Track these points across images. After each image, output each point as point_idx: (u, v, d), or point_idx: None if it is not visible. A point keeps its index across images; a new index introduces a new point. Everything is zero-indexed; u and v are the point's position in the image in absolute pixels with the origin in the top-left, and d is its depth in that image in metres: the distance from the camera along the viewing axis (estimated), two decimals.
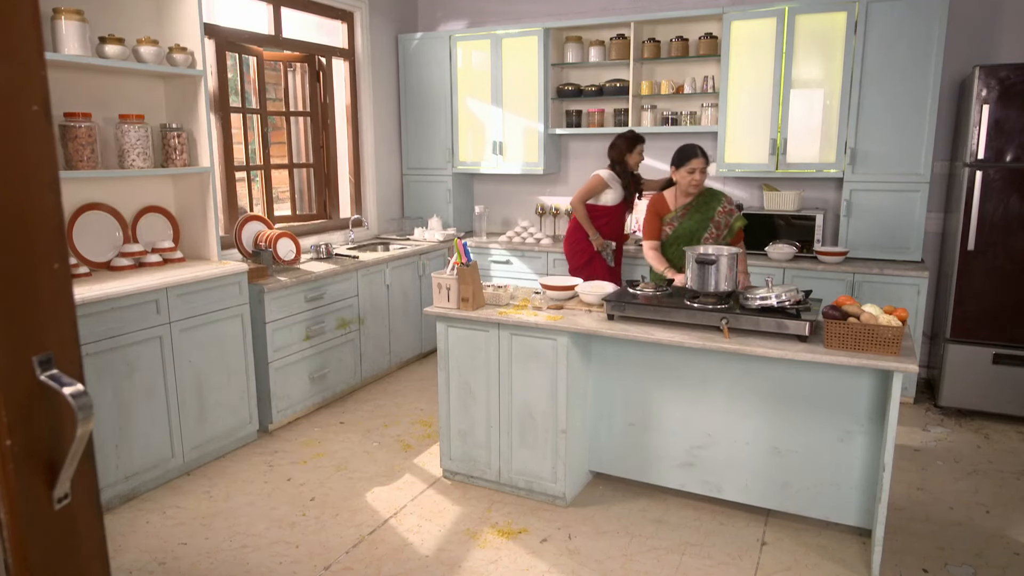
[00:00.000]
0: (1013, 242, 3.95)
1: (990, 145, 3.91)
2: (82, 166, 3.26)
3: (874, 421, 2.77)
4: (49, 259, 1.01)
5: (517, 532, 2.98)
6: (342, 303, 4.42)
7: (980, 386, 4.11)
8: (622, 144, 4.32)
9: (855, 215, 4.44)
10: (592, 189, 4.32)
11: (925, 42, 4.10)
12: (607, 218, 4.39)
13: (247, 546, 2.89)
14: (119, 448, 3.16)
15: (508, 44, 5.26)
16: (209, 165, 3.73)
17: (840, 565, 2.73)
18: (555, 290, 3.33)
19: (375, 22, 5.47)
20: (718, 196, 3.52)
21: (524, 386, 3.14)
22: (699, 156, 3.41)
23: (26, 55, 0.96)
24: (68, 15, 3.12)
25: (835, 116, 4.39)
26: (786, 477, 2.96)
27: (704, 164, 3.42)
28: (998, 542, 2.90)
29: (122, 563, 2.77)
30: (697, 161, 3.40)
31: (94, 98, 3.48)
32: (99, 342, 3.04)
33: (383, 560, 2.79)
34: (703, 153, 3.42)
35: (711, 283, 2.93)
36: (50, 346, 1.00)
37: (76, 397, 0.98)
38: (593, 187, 4.32)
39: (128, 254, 3.60)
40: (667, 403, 3.13)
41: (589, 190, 4.33)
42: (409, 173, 5.89)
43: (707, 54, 4.79)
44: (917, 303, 4.16)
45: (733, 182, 5.05)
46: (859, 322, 2.57)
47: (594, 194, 4.33)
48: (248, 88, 4.70)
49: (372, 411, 4.36)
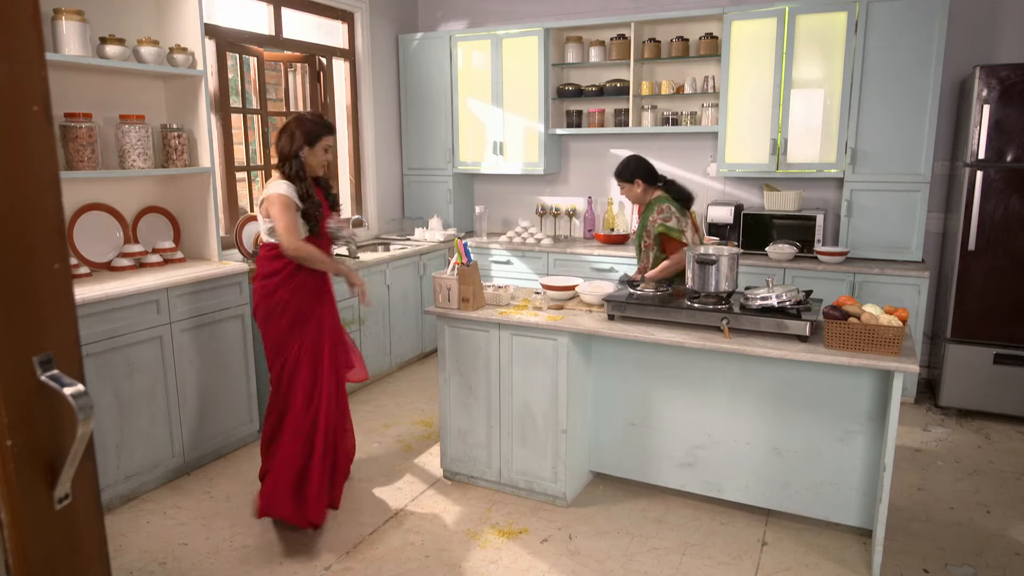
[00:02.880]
0: (1013, 242, 3.94)
1: (990, 145, 3.91)
2: (82, 166, 3.26)
3: (875, 421, 2.77)
4: (49, 259, 1.01)
5: (517, 532, 2.98)
6: (343, 303, 4.41)
7: (981, 386, 4.11)
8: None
9: (856, 215, 4.44)
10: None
11: (925, 42, 4.10)
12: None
13: (247, 546, 2.89)
14: (119, 448, 3.16)
15: (508, 44, 5.26)
16: (210, 165, 3.73)
17: (840, 565, 2.73)
18: (555, 290, 3.33)
19: (375, 22, 5.48)
20: (654, 206, 3.55)
21: (524, 386, 3.14)
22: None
23: (26, 55, 0.96)
24: (68, 15, 3.12)
25: (835, 116, 4.39)
26: (786, 477, 2.96)
27: (619, 184, 3.59)
28: (998, 542, 2.90)
29: (123, 563, 2.77)
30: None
31: (94, 98, 3.48)
32: (99, 342, 3.04)
33: (383, 560, 2.79)
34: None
35: (711, 283, 2.93)
36: (50, 346, 1.00)
37: (76, 397, 0.98)
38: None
39: (128, 254, 3.60)
40: (667, 403, 3.13)
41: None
42: (409, 173, 5.89)
43: (707, 54, 4.79)
44: (917, 303, 4.16)
45: (733, 182, 5.05)
46: (859, 322, 2.57)
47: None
48: (248, 88, 4.70)
49: (373, 411, 4.36)
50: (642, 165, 3.55)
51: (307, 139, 2.99)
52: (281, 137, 3.01)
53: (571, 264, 5.02)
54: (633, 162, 3.56)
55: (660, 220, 3.45)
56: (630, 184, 3.56)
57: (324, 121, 3.06)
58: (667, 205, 3.48)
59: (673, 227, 3.41)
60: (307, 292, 3.03)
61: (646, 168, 3.55)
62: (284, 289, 2.98)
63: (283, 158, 3.00)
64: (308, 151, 3.00)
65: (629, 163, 3.56)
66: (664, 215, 3.45)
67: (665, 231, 3.42)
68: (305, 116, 3.04)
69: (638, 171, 3.54)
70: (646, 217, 3.57)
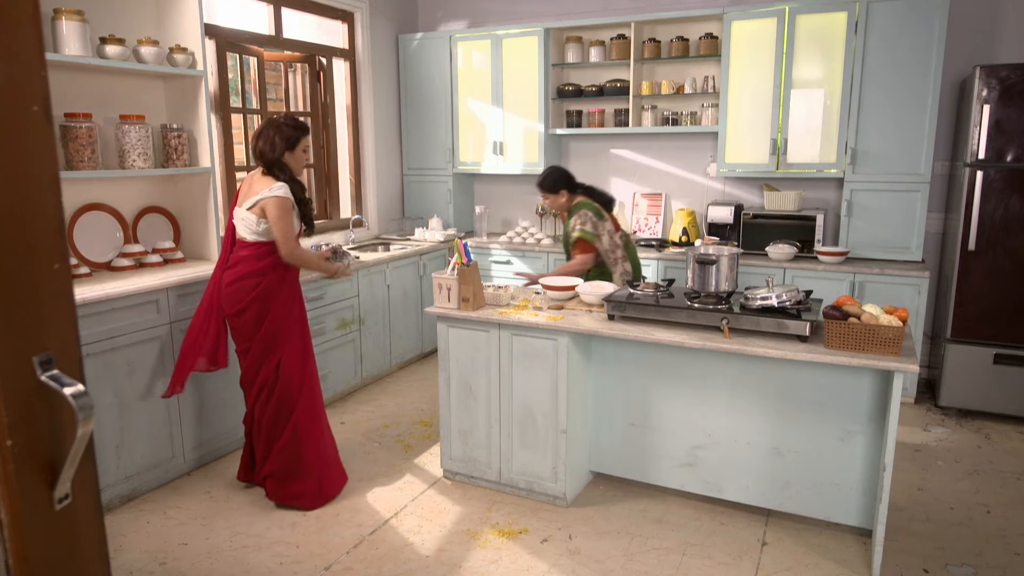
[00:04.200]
0: (1013, 242, 3.94)
1: (990, 145, 3.91)
2: (82, 166, 3.26)
3: (875, 421, 2.77)
4: (49, 259, 1.01)
5: (518, 532, 2.98)
6: (342, 303, 4.42)
7: (981, 386, 4.11)
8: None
9: (856, 215, 4.44)
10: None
11: (925, 42, 4.10)
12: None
13: (248, 546, 2.89)
14: (120, 448, 3.16)
15: (508, 44, 5.26)
16: (210, 165, 3.73)
17: (840, 565, 2.73)
18: (555, 290, 3.33)
19: (375, 22, 5.48)
20: (575, 211, 3.75)
21: (525, 386, 3.14)
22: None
23: (27, 55, 0.96)
24: (69, 15, 3.12)
25: (835, 116, 4.39)
26: (787, 477, 2.96)
27: (543, 195, 3.79)
28: (998, 542, 2.90)
29: (123, 563, 2.77)
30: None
31: (95, 98, 3.48)
32: (100, 342, 3.04)
33: (384, 560, 2.79)
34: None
35: (711, 283, 2.93)
36: (50, 346, 1.00)
37: (77, 397, 0.98)
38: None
39: (128, 254, 3.60)
40: (668, 403, 3.13)
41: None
42: (409, 173, 5.89)
43: (707, 54, 4.79)
44: (917, 303, 4.16)
45: (733, 182, 5.05)
46: (860, 322, 2.57)
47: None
48: (248, 88, 4.70)
49: (373, 411, 4.36)
50: (564, 175, 3.79)
51: (287, 143, 3.07)
52: (259, 141, 3.07)
53: None
54: (556, 174, 3.79)
55: (578, 225, 3.69)
56: (555, 195, 3.79)
57: (299, 123, 3.13)
58: (586, 211, 3.71)
59: (589, 232, 3.65)
60: (294, 286, 3.18)
61: (567, 178, 3.79)
62: (272, 287, 3.07)
63: (269, 163, 3.05)
64: (290, 155, 3.09)
65: (552, 175, 3.79)
66: (582, 220, 3.69)
67: (582, 235, 3.66)
68: (280, 121, 3.10)
69: (560, 182, 3.77)
70: (567, 223, 3.80)
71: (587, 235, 3.64)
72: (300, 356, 3.16)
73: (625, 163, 5.40)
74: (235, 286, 3.05)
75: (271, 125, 3.07)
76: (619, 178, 5.44)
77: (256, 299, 3.04)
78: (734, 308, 2.88)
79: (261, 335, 3.07)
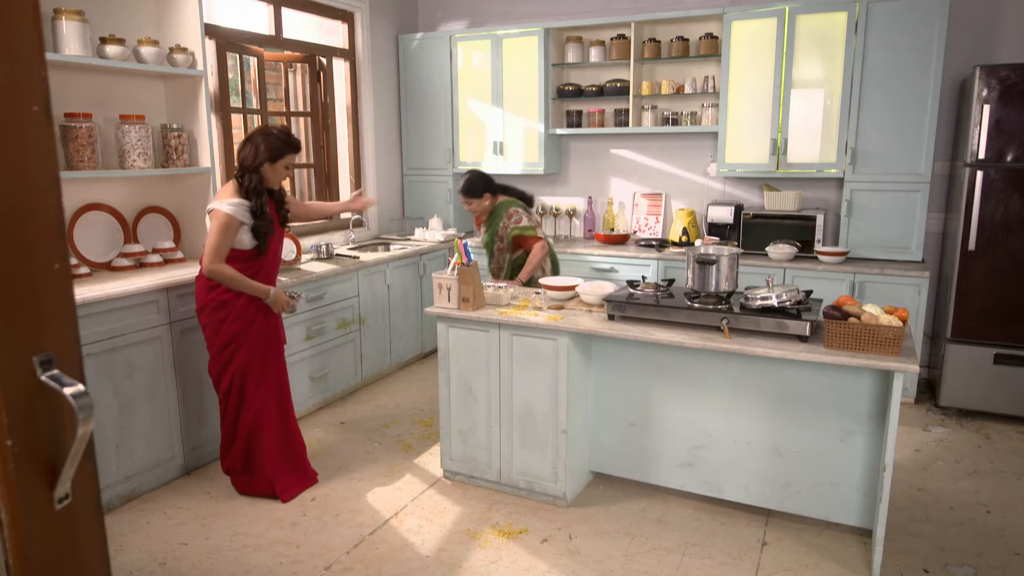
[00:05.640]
0: (1013, 242, 3.94)
1: (991, 145, 3.91)
2: (82, 166, 3.26)
3: (875, 421, 2.77)
4: (50, 259, 1.01)
5: (518, 532, 2.98)
6: (343, 303, 4.42)
7: (981, 386, 4.11)
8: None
9: (856, 215, 4.44)
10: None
11: (926, 42, 4.10)
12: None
13: (248, 546, 2.89)
14: (120, 448, 3.16)
15: (508, 44, 5.26)
16: (210, 165, 3.73)
17: (841, 565, 2.73)
18: (555, 290, 3.33)
19: (375, 22, 5.48)
20: (500, 211, 3.87)
21: (525, 386, 3.14)
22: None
23: (27, 55, 0.96)
24: (69, 15, 3.12)
25: (836, 116, 4.39)
26: (787, 477, 2.96)
27: (465, 200, 3.89)
28: (999, 542, 2.90)
29: (123, 563, 2.77)
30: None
31: (95, 98, 3.48)
32: (100, 342, 3.04)
33: (384, 560, 2.79)
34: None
35: (711, 283, 2.93)
36: (50, 346, 1.00)
37: (77, 397, 0.98)
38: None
39: (129, 254, 3.60)
40: (667, 403, 3.13)
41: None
42: (409, 173, 5.89)
43: (707, 54, 4.79)
44: (918, 303, 4.16)
45: (733, 182, 5.05)
46: (860, 322, 2.57)
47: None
48: (249, 88, 4.70)
49: (373, 411, 4.36)
50: (487, 180, 3.91)
51: (271, 155, 3.04)
52: (245, 147, 3.05)
53: (571, 264, 5.02)
54: (478, 178, 3.90)
55: (512, 224, 3.81)
56: (479, 199, 3.88)
57: (290, 138, 3.10)
58: (514, 208, 3.84)
59: (527, 226, 3.82)
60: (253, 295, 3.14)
61: (489, 181, 3.92)
62: (227, 292, 3.07)
63: (243, 169, 3.03)
64: (269, 166, 3.06)
65: (475, 180, 3.89)
66: (515, 218, 3.82)
67: (520, 232, 3.79)
68: (271, 131, 3.07)
69: (486, 186, 3.88)
70: (496, 224, 3.91)
71: (525, 230, 3.81)
72: (259, 361, 3.16)
73: (625, 163, 5.40)
74: (197, 284, 3.14)
75: (261, 132, 3.05)
76: (619, 178, 5.44)
77: (211, 301, 3.08)
78: (734, 308, 2.88)
79: (220, 336, 3.11)
